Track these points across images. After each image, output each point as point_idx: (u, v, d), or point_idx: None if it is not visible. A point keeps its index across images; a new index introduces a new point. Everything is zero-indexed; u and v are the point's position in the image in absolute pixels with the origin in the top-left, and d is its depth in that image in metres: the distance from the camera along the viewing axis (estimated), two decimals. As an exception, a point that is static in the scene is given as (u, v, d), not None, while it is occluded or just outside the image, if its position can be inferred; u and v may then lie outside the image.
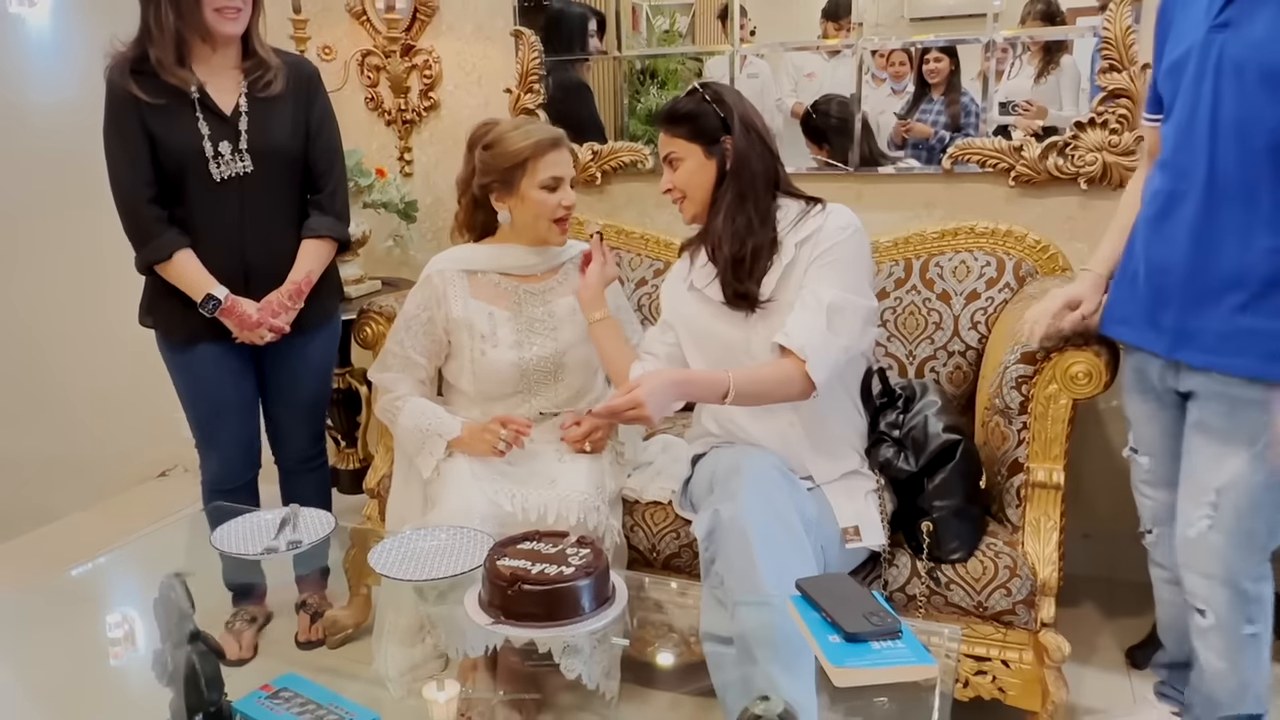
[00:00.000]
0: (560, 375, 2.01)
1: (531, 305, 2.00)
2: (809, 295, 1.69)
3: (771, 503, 1.57)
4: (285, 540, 1.64)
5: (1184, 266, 1.51)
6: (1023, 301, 2.09)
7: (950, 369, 2.22)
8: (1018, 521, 1.80)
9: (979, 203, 2.38)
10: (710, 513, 1.60)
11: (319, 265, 2.07)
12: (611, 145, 2.68)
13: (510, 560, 1.40)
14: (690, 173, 1.76)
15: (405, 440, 1.97)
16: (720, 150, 1.75)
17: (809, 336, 1.66)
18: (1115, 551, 2.39)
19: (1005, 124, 2.35)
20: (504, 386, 1.98)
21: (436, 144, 2.93)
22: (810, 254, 1.72)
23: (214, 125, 1.93)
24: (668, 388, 1.60)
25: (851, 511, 1.74)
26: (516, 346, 1.97)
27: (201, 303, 1.95)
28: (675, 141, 1.77)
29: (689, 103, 1.77)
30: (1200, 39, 1.48)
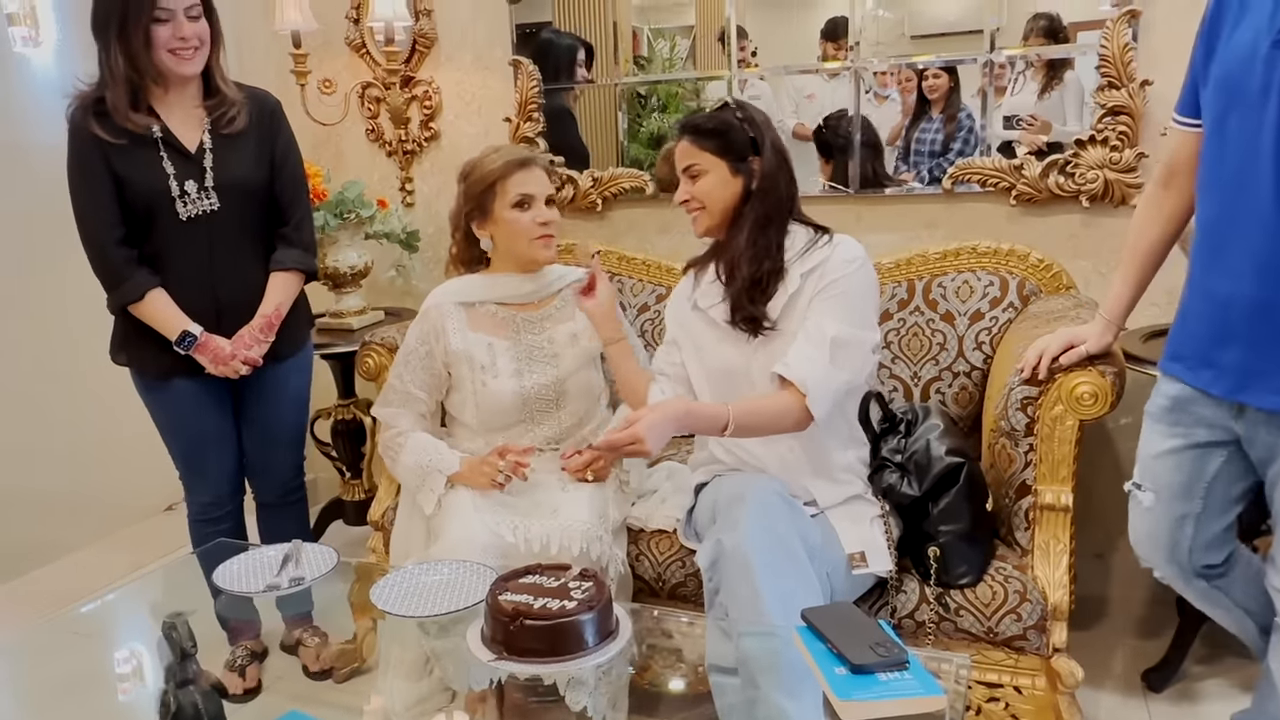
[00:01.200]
0: (562, 403, 2.01)
1: (530, 334, 2.01)
2: (813, 327, 1.70)
3: (774, 530, 1.56)
4: (288, 577, 1.64)
5: (1249, 300, 1.40)
6: (1027, 321, 2.08)
7: (955, 390, 2.21)
8: (1027, 545, 1.78)
9: (981, 222, 2.38)
10: (713, 542, 1.59)
11: (288, 297, 2.09)
12: (612, 171, 2.70)
13: (512, 595, 1.39)
14: (712, 187, 1.76)
15: (406, 478, 1.98)
16: (747, 170, 1.75)
17: (811, 370, 1.66)
18: (1128, 571, 2.37)
19: (1009, 139, 2.35)
20: (506, 416, 1.99)
21: (438, 174, 2.95)
22: (816, 285, 1.73)
23: (179, 164, 1.94)
24: (668, 422, 1.61)
25: (857, 537, 1.73)
26: (517, 376, 1.97)
27: (177, 340, 1.96)
28: (701, 154, 1.76)
29: (720, 118, 1.76)
30: (1263, 54, 1.36)
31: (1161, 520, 1.64)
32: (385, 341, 2.29)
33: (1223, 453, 1.55)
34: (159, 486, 3.13)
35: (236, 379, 2.04)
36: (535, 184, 1.94)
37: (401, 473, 2.00)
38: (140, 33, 1.84)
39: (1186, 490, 1.60)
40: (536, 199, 1.93)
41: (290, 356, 2.14)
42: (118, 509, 3.11)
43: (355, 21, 2.91)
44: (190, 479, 2.16)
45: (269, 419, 2.16)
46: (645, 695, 1.75)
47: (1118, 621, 2.33)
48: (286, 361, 2.13)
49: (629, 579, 1.92)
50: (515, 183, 1.93)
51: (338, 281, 2.75)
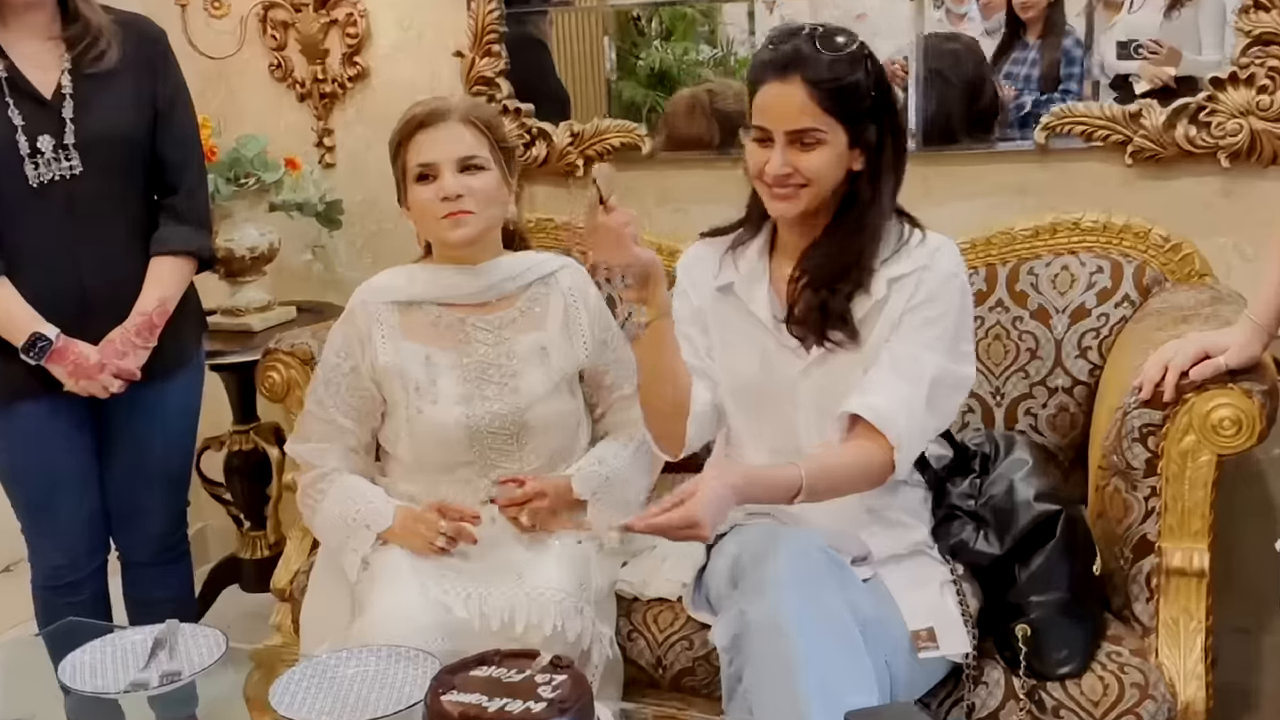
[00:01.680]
0: (524, 439, 1.99)
1: (482, 345, 2.00)
2: (906, 358, 1.69)
3: (818, 599, 1.56)
4: (159, 672, 1.62)
5: None
6: (1148, 319, 2.08)
7: (1051, 412, 2.20)
8: (1148, 621, 1.77)
9: (1086, 188, 2.37)
10: (734, 614, 1.59)
11: (175, 290, 2.08)
12: (597, 124, 2.69)
13: (460, 695, 1.38)
14: (827, 161, 1.69)
15: (326, 534, 1.99)
16: (866, 141, 1.71)
17: (906, 416, 1.67)
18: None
19: (1126, 73, 2.34)
20: (449, 454, 1.98)
21: (366, 124, 2.94)
22: (906, 298, 1.72)
23: (29, 113, 1.94)
24: (726, 495, 1.58)
25: (923, 607, 1.72)
26: (464, 402, 1.96)
27: (25, 347, 1.95)
28: (824, 116, 1.66)
29: (848, 66, 1.67)
30: None
31: None
32: (297, 349, 2.29)
33: None
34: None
35: (104, 399, 2.03)
36: (440, 147, 1.92)
37: (320, 526, 2.00)
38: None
39: None
40: (442, 168, 1.91)
41: (175, 370, 2.14)
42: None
43: (255, -78, 2.91)
44: (36, 533, 2.15)
45: (143, 453, 2.15)
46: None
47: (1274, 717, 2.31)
48: (170, 377, 2.12)
49: (619, 665, 1.92)
50: (415, 148, 1.93)
51: (234, 268, 2.74)
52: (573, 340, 2.03)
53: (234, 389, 2.83)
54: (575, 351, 2.02)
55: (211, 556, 3.10)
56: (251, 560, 2.89)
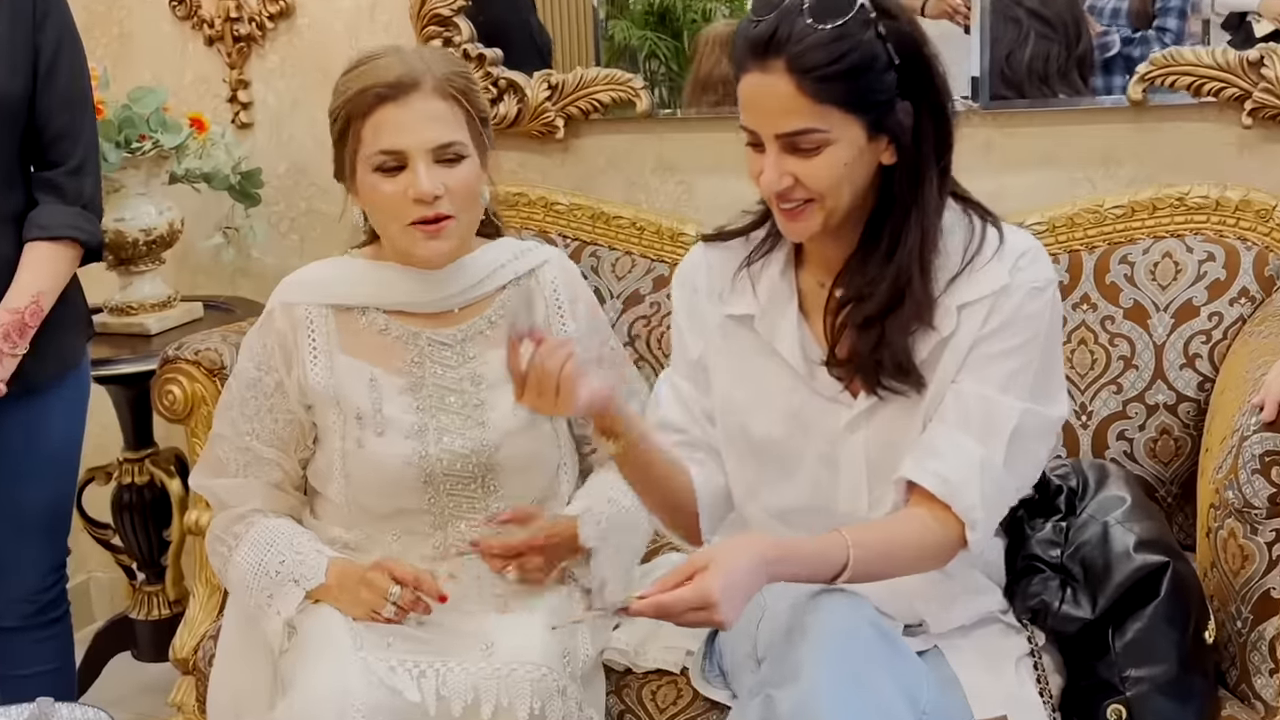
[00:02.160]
0: (491, 483, 1.98)
1: (442, 365, 1.99)
2: (980, 406, 1.64)
3: (865, 684, 1.54)
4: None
5: None
6: (1272, 320, 2.09)
7: (1151, 435, 2.22)
8: (1272, 699, 1.77)
9: (1194, 155, 2.39)
10: (760, 701, 1.57)
11: (53, 283, 2.09)
12: (581, 75, 2.70)
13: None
14: (844, 164, 1.59)
15: (241, 592, 1.97)
16: (894, 124, 1.60)
17: (979, 485, 1.62)
18: None
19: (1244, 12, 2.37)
20: (397, 499, 1.97)
21: (292, 74, 2.96)
22: (979, 326, 1.67)
23: None
24: (754, 572, 1.54)
25: (996, 692, 1.71)
26: (416, 435, 1.95)
27: None
28: (822, 111, 1.56)
29: (848, 38, 1.55)
30: None
31: None
32: (203, 357, 2.30)
33: None
34: None
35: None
36: (411, 131, 1.85)
37: (235, 581, 1.98)
38: None
39: None
40: (414, 158, 1.86)
41: (52, 385, 2.15)
42: None
43: None
44: None
45: (12, 490, 2.17)
46: None
47: None
48: (46, 393, 2.14)
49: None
50: (373, 130, 1.86)
51: (123, 255, 2.75)
52: None
53: (125, 406, 2.84)
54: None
55: (97, 616, 3.11)
56: (147, 621, 2.90)
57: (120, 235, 2.71)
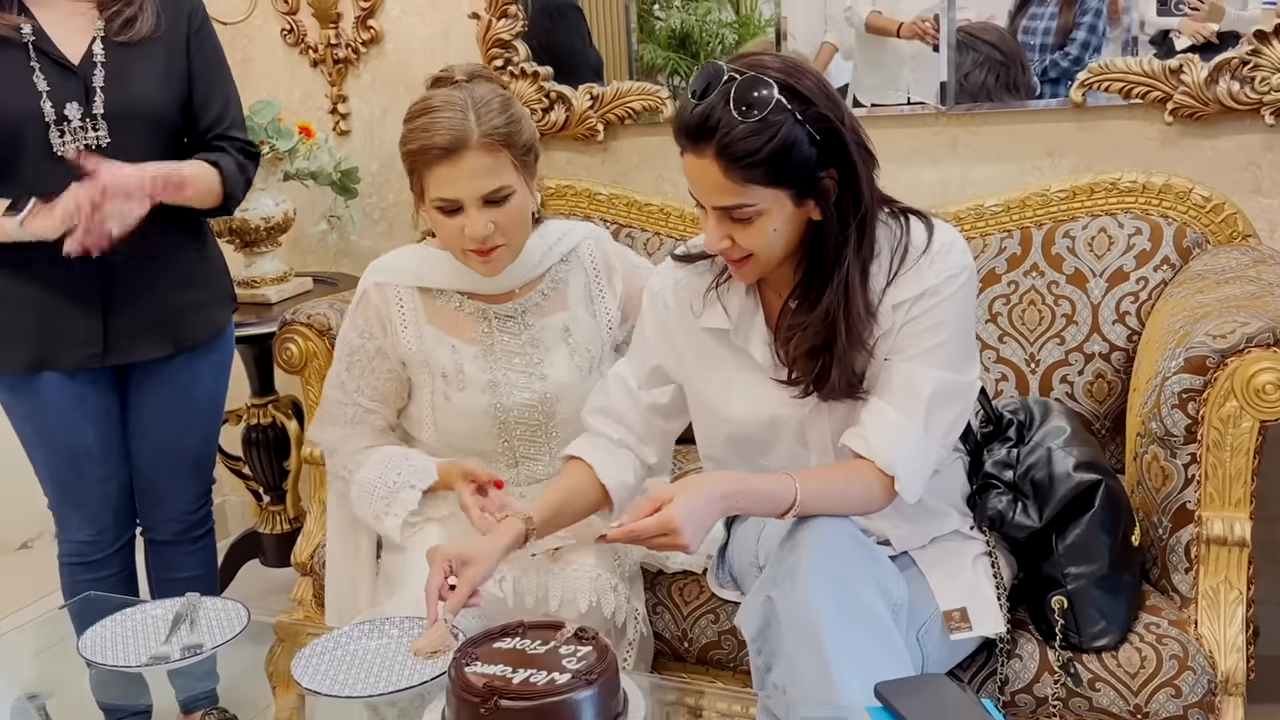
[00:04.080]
0: (552, 429, 1.98)
1: (506, 334, 1.98)
2: (901, 380, 1.61)
3: (848, 584, 1.55)
4: (180, 645, 1.63)
5: None
6: (1189, 283, 2.07)
7: (1089, 379, 2.21)
8: (1188, 592, 1.77)
9: (1124, 147, 2.37)
10: (761, 601, 1.58)
11: (200, 182, 1.99)
12: (617, 88, 2.69)
13: (484, 666, 1.39)
14: (772, 230, 1.55)
15: (362, 503, 1.95)
16: (818, 190, 1.54)
17: (900, 446, 1.60)
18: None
19: (1166, 28, 2.33)
20: (477, 441, 1.97)
21: (381, 90, 2.95)
22: (906, 314, 1.62)
23: (56, 80, 1.92)
24: (711, 503, 1.55)
25: (955, 588, 1.71)
26: (490, 390, 1.95)
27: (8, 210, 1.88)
28: (748, 190, 1.50)
29: (768, 129, 1.47)
30: None
31: None
32: (314, 320, 2.30)
33: None
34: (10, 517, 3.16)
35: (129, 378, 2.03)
36: (462, 182, 1.80)
37: (356, 496, 1.97)
38: None
39: None
40: (466, 204, 1.81)
41: (202, 344, 2.13)
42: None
43: (266, -117, 2.91)
44: (64, 510, 2.17)
45: (169, 432, 2.16)
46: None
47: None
48: (199, 354, 2.12)
49: (649, 640, 1.93)
50: (435, 181, 1.82)
51: (248, 238, 2.76)
52: (596, 316, 2.01)
53: (251, 362, 2.85)
54: (599, 327, 2.00)
55: (231, 531, 3.13)
56: (271, 535, 2.92)
57: (245, 223, 2.72)
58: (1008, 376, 2.25)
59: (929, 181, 2.49)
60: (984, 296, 2.28)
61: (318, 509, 2.31)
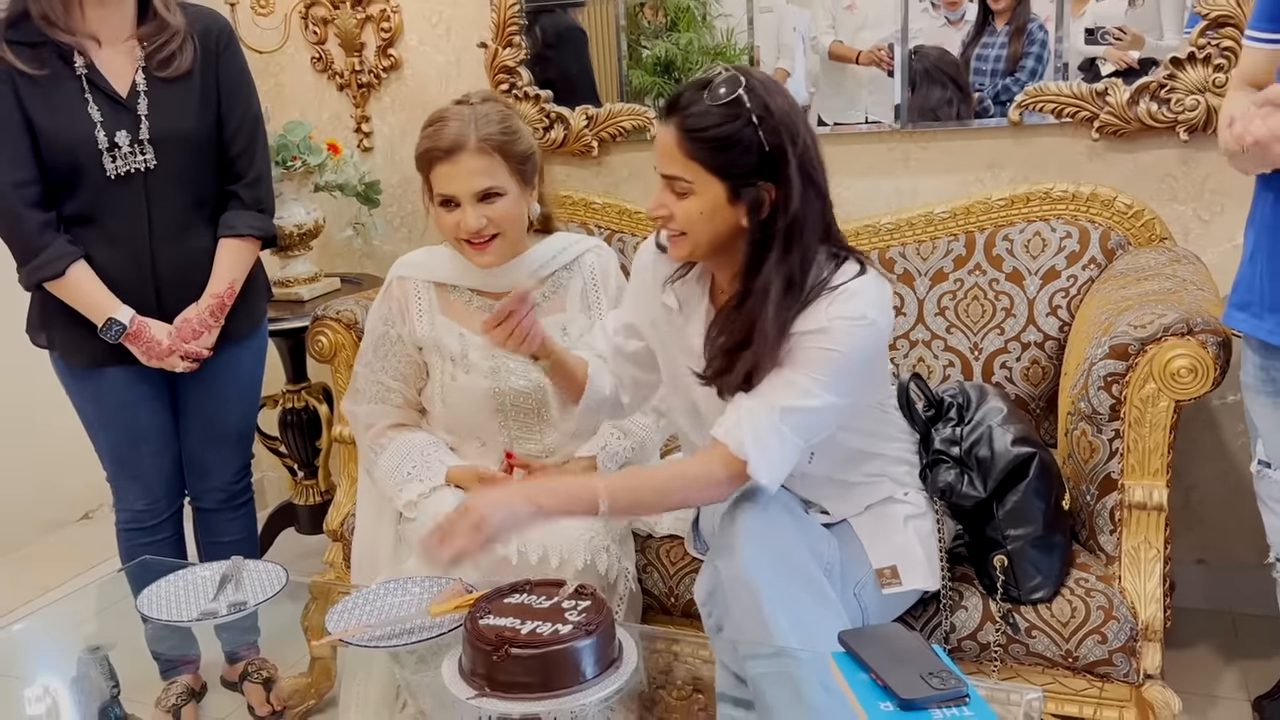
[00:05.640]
0: (544, 414, 1.99)
1: None
2: (775, 376, 1.53)
3: (780, 550, 1.55)
4: (226, 602, 1.64)
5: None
6: (1112, 280, 2.08)
7: (1025, 364, 2.21)
8: (1113, 551, 1.78)
9: (1056, 161, 2.36)
10: (709, 571, 1.60)
11: (241, 270, 2.07)
12: (610, 109, 2.68)
13: (495, 619, 1.40)
14: (700, 213, 1.51)
15: (384, 484, 1.98)
16: (753, 197, 1.49)
17: (750, 431, 1.51)
18: (1238, 580, 2.37)
19: (1093, 56, 2.33)
20: (479, 418, 1.99)
21: (400, 110, 2.94)
22: (801, 338, 1.54)
23: (108, 111, 1.91)
24: (510, 493, 1.53)
25: (887, 548, 1.71)
26: (492, 374, 1.96)
27: (103, 328, 1.95)
28: (690, 166, 1.49)
29: (723, 117, 1.47)
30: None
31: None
32: (342, 315, 2.29)
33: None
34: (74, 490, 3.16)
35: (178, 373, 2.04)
36: (458, 179, 1.85)
37: (379, 476, 2.01)
38: None
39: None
40: (461, 199, 1.87)
41: (242, 339, 2.13)
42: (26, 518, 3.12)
43: (297, -73, 2.89)
44: (121, 482, 2.16)
45: (213, 412, 2.16)
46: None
47: (1225, 640, 2.33)
48: (238, 344, 2.12)
49: (638, 596, 1.93)
50: (437, 177, 1.89)
51: (283, 244, 2.74)
52: (591, 317, 2.01)
53: (286, 352, 2.84)
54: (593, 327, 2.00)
55: (269, 502, 3.13)
56: (305, 506, 2.91)
57: (280, 229, 2.68)
58: (954, 363, 2.26)
59: (885, 192, 2.49)
60: (933, 293, 2.29)
61: (346, 482, 2.31)
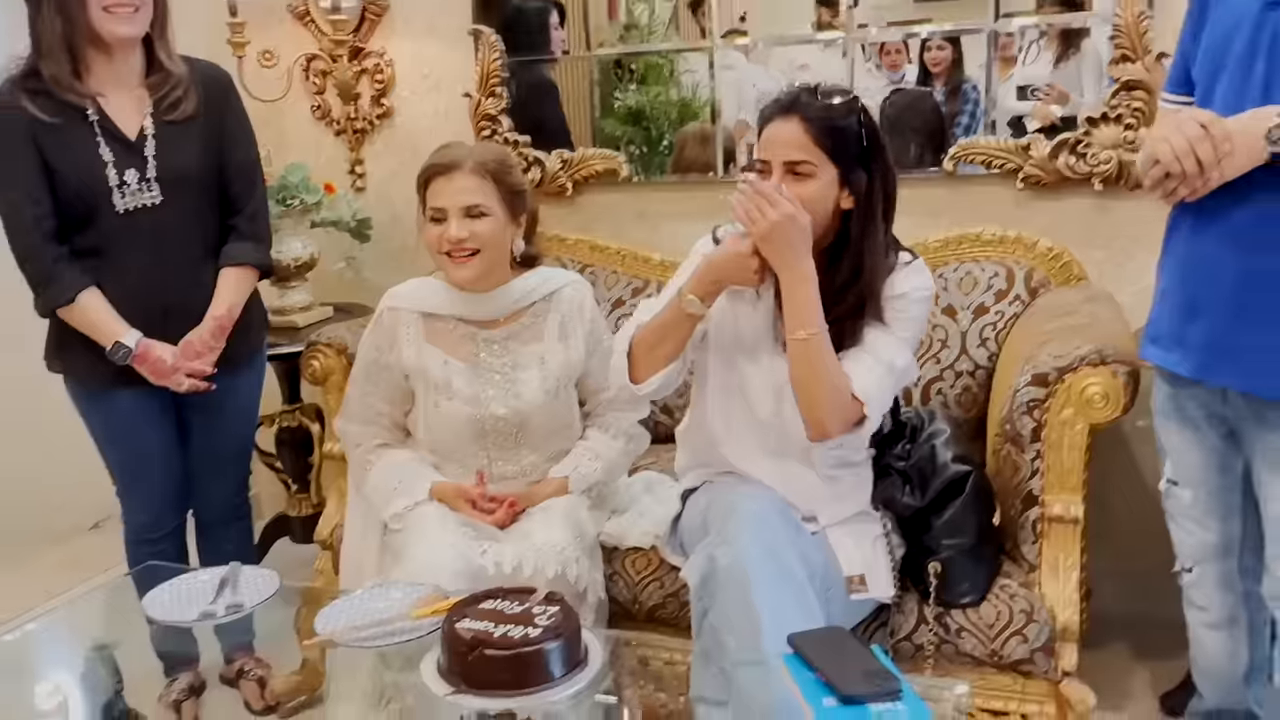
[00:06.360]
0: (522, 438, 1.99)
1: (490, 355, 1.98)
2: (880, 347, 1.67)
3: (774, 549, 1.57)
4: (224, 604, 1.64)
5: (1227, 275, 1.48)
6: (1035, 315, 2.11)
7: (958, 391, 2.23)
8: (1034, 560, 1.80)
9: (986, 208, 2.39)
10: (704, 557, 1.59)
11: (240, 297, 2.07)
12: (583, 153, 2.69)
13: (471, 622, 1.40)
14: (813, 196, 1.61)
15: (372, 498, 1.98)
16: (856, 185, 1.63)
17: (876, 385, 1.65)
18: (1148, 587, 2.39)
19: (1019, 114, 2.37)
20: (460, 441, 1.98)
21: (391, 155, 2.94)
22: (890, 305, 1.69)
23: (119, 152, 1.93)
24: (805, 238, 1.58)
25: (858, 559, 1.74)
26: (473, 401, 1.95)
27: (110, 351, 1.94)
28: (816, 150, 1.61)
29: (839, 112, 1.62)
30: (1253, 15, 1.44)
31: (1208, 514, 1.68)
32: (333, 341, 2.29)
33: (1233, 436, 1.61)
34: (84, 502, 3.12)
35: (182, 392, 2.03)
36: (450, 194, 1.88)
37: (367, 491, 2.00)
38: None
39: (1222, 482, 1.65)
40: (449, 212, 1.88)
41: (242, 364, 2.12)
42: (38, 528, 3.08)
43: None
44: (129, 498, 2.15)
45: (214, 433, 2.15)
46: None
47: (1135, 642, 2.36)
48: (237, 370, 2.11)
49: (605, 603, 1.93)
50: (432, 192, 1.90)
51: (281, 275, 2.73)
52: (568, 348, 2.00)
53: (282, 375, 2.82)
54: (570, 357, 2.00)
55: (265, 514, 3.09)
56: (298, 517, 2.89)
57: (278, 262, 2.66)
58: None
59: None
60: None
61: (336, 496, 2.30)
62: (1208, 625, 1.76)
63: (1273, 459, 1.54)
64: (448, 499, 1.93)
